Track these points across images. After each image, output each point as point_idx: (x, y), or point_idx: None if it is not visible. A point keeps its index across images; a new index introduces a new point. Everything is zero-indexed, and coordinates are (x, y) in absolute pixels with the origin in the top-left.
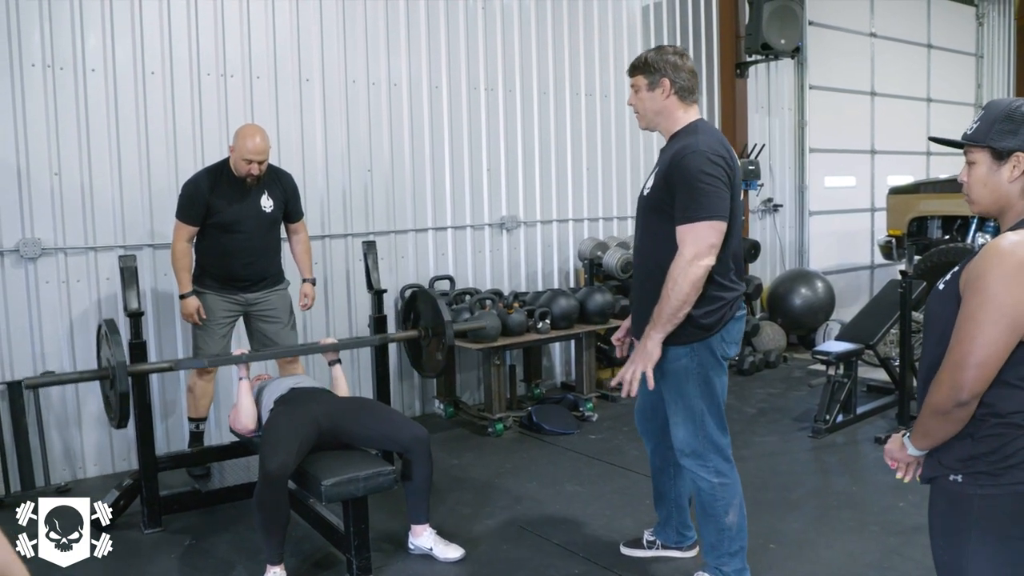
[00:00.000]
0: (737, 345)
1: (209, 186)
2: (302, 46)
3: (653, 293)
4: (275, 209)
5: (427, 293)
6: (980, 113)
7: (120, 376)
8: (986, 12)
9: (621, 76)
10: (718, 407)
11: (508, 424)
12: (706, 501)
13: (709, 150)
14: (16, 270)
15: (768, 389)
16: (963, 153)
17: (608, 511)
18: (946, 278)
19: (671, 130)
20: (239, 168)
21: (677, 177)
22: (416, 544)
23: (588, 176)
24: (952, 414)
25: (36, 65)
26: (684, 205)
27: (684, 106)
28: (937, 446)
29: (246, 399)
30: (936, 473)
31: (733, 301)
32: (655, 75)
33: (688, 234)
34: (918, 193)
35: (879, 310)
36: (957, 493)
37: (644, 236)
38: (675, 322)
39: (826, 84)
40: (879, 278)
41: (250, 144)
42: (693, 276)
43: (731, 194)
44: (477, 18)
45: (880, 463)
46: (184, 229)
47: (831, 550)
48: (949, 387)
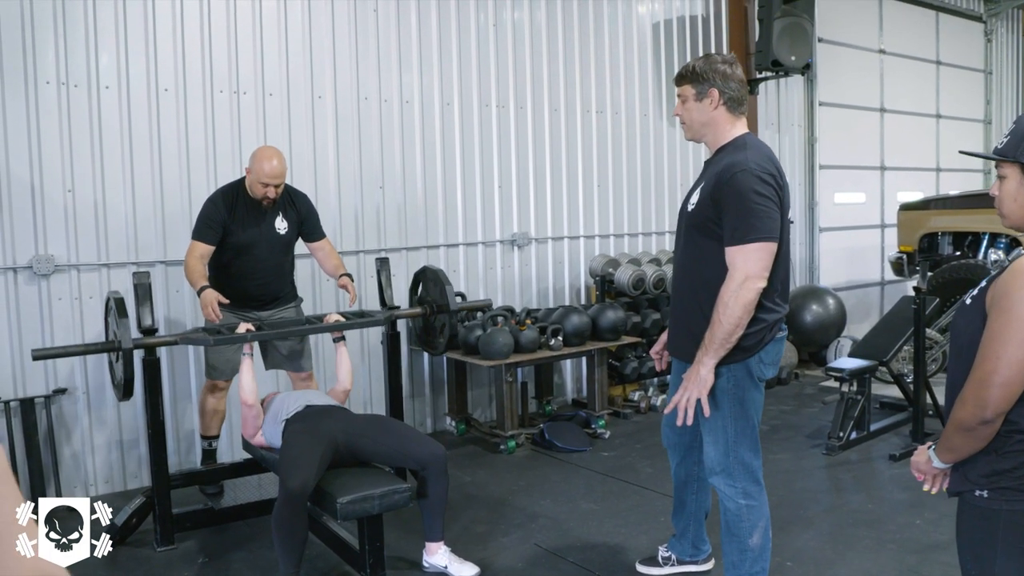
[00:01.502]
0: (775, 367)
1: (226, 207)
2: (315, 63)
3: (693, 310)
4: (289, 231)
5: (435, 272)
6: (1011, 127)
7: (125, 343)
8: (994, 28)
9: (632, 93)
10: (752, 428)
11: (520, 441)
12: (732, 521)
13: (759, 168)
14: (29, 287)
15: (780, 406)
16: (995, 167)
17: (623, 528)
18: (973, 293)
19: (718, 143)
20: (255, 191)
21: (726, 196)
22: (431, 562)
23: (599, 193)
24: (977, 431)
25: (51, 82)
26: (734, 226)
27: (732, 118)
28: (963, 460)
29: (247, 375)
30: (962, 488)
31: (774, 323)
32: (703, 85)
33: (738, 256)
34: (929, 209)
35: (892, 326)
36: (983, 508)
37: (686, 252)
38: (728, 346)
39: (836, 101)
40: (889, 294)
41: (267, 167)
42: (744, 299)
43: (780, 213)
44: (488, 35)
45: (896, 480)
46: (198, 247)
47: (848, 568)
48: (974, 405)
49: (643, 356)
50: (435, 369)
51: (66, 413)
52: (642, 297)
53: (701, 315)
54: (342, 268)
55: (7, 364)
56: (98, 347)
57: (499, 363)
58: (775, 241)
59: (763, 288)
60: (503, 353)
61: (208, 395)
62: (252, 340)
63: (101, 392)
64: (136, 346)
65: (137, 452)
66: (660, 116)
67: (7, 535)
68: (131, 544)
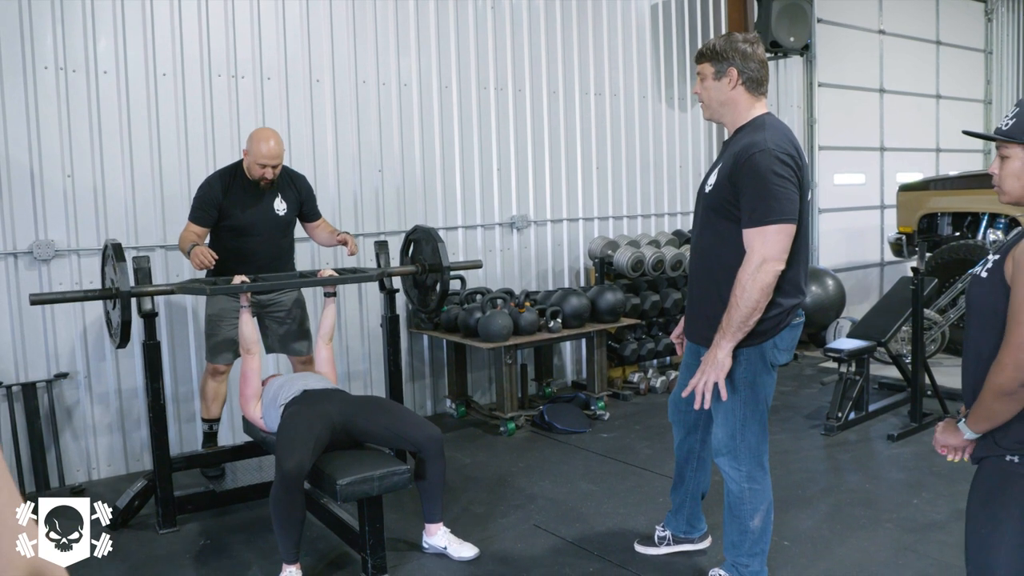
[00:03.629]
0: (789, 353)
1: (222, 189)
2: (312, 47)
3: (711, 293)
4: (288, 212)
5: (426, 231)
6: (1015, 110)
7: (123, 286)
8: (995, 8)
9: (630, 75)
10: (761, 413)
11: (520, 423)
12: (734, 503)
13: (778, 148)
14: (30, 272)
15: (780, 387)
16: (996, 147)
17: (622, 509)
18: (988, 266)
19: (737, 123)
20: (253, 172)
21: (744, 177)
22: (430, 543)
23: (598, 175)
24: (1018, 394)
25: (49, 68)
26: (752, 207)
27: (752, 98)
28: (995, 428)
29: (247, 327)
30: (989, 453)
31: (791, 308)
32: (723, 63)
33: (757, 238)
34: (928, 190)
35: (891, 307)
36: (1011, 472)
37: (703, 234)
38: (745, 330)
39: (835, 81)
40: (889, 275)
41: (264, 148)
42: (762, 282)
43: (799, 195)
44: (487, 18)
45: (894, 460)
46: (192, 228)
47: (845, 547)
48: (1014, 368)
49: (642, 338)
50: (435, 351)
51: (67, 397)
52: (641, 279)
53: (718, 298)
54: (335, 229)
55: (8, 349)
56: (96, 293)
57: (498, 345)
58: (794, 223)
59: (781, 270)
60: (502, 335)
61: (209, 379)
62: (247, 291)
63: (102, 376)
64: (134, 293)
65: (139, 435)
66: (659, 98)
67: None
68: (133, 527)
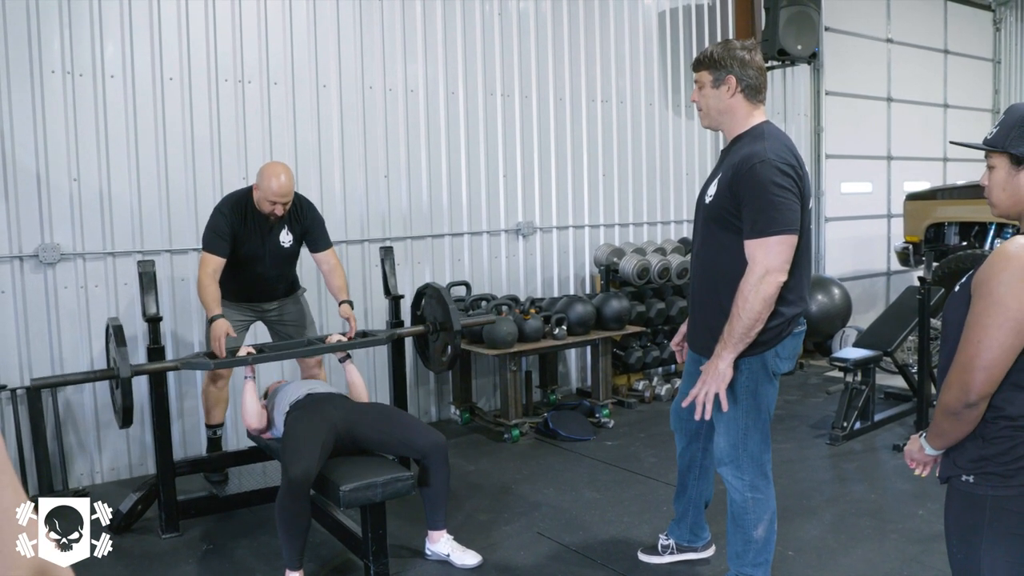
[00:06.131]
0: (792, 361)
1: (236, 220)
2: (319, 52)
3: (712, 303)
4: (294, 243)
5: (435, 289)
6: (1000, 118)
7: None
8: (1003, 17)
9: (637, 82)
10: (764, 422)
11: (524, 430)
12: (737, 513)
13: (779, 159)
14: (35, 275)
15: (785, 396)
16: (984, 157)
17: (626, 518)
18: (962, 281)
19: (735, 132)
20: (263, 207)
21: (745, 188)
22: (433, 550)
23: (604, 182)
24: (962, 415)
25: (56, 71)
26: (753, 219)
27: (751, 106)
28: (952, 446)
29: (250, 400)
30: (951, 473)
31: (793, 317)
32: (721, 71)
33: (759, 249)
34: (935, 199)
35: (897, 316)
36: (970, 493)
37: (704, 244)
38: (747, 341)
39: (842, 90)
40: (895, 285)
41: (275, 185)
42: (764, 293)
43: (800, 204)
44: (493, 24)
45: (899, 470)
46: (212, 261)
47: (850, 558)
48: (958, 388)
49: (647, 345)
50: None
51: (72, 401)
52: (647, 286)
53: (719, 309)
54: (344, 292)
55: (13, 352)
56: (97, 375)
57: (503, 352)
58: (795, 234)
59: (783, 282)
60: (507, 342)
61: (210, 384)
62: (253, 363)
63: (105, 381)
64: (135, 373)
65: (143, 439)
66: (665, 105)
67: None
68: (136, 531)
